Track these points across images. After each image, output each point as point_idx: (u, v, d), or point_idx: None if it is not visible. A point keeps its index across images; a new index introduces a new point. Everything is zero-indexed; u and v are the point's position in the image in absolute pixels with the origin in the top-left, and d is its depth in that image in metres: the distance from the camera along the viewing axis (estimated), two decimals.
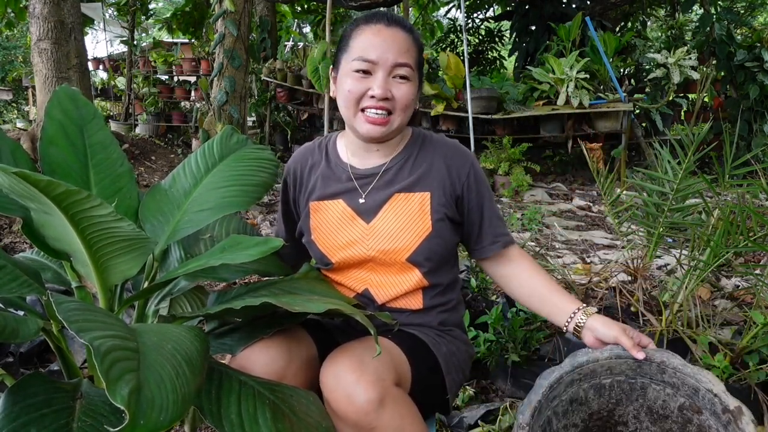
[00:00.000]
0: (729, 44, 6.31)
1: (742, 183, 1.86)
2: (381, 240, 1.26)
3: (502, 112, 5.88)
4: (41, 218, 1.03)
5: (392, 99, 1.20)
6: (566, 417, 1.13)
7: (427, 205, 1.26)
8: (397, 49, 1.19)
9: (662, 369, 1.09)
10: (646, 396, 1.12)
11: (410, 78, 1.21)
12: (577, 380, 1.13)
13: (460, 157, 1.30)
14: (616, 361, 1.12)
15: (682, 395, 1.07)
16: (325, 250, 1.30)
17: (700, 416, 1.04)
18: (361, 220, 1.28)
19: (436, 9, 10.56)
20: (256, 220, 4.32)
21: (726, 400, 0.98)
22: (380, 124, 1.21)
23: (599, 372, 1.13)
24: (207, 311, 1.08)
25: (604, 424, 1.16)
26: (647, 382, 1.12)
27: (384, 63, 1.19)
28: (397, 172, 1.29)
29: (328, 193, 1.32)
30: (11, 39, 11.84)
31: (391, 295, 1.28)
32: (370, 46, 1.19)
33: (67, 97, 1.27)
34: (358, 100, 1.21)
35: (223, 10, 4.60)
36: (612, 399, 1.15)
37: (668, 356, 1.09)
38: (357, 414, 1.00)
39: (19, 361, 2.04)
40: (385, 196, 1.28)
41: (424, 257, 1.25)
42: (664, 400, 1.11)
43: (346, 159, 1.34)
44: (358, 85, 1.20)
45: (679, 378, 1.07)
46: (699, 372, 1.04)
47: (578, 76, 5.45)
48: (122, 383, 0.69)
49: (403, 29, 1.22)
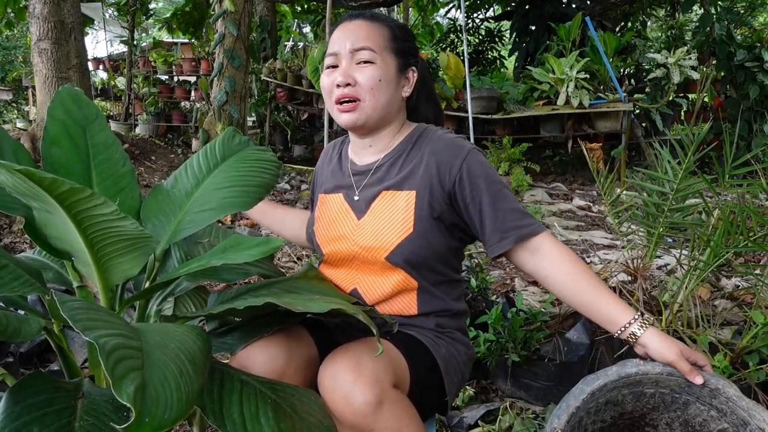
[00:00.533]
0: (729, 44, 6.32)
1: (742, 183, 1.86)
2: (364, 236, 1.25)
3: (502, 112, 5.88)
4: (43, 217, 1.03)
5: (356, 84, 1.23)
6: (597, 415, 1.09)
7: (412, 204, 1.22)
8: (354, 36, 1.24)
9: (714, 395, 1.03)
10: (687, 411, 1.07)
11: (373, 60, 1.24)
12: (619, 387, 1.07)
13: (451, 152, 1.22)
14: (667, 378, 1.05)
15: (728, 422, 1.02)
16: (320, 241, 1.34)
17: None
18: (353, 216, 1.29)
19: (436, 10, 10.57)
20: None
21: None
22: (351, 111, 1.24)
23: (644, 382, 1.07)
24: (209, 311, 1.08)
25: (633, 424, 1.12)
26: (692, 400, 1.06)
27: (343, 51, 1.24)
28: (388, 169, 1.28)
29: (332, 186, 1.36)
30: (11, 39, 11.84)
31: (378, 295, 1.26)
32: (334, 39, 1.27)
33: (70, 98, 1.27)
34: (330, 93, 1.26)
35: (223, 10, 4.60)
36: (649, 405, 1.09)
37: (724, 384, 1.02)
38: (355, 415, 1.00)
39: (20, 360, 2.04)
40: (375, 193, 1.28)
41: (403, 258, 1.21)
42: (704, 419, 1.05)
43: (350, 155, 1.38)
44: (327, 79, 1.26)
45: (730, 408, 1.01)
46: (755, 407, 0.99)
47: (578, 76, 5.45)
48: (127, 381, 0.70)
49: (365, 19, 1.27)
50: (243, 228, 4.03)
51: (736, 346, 1.65)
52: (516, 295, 2.15)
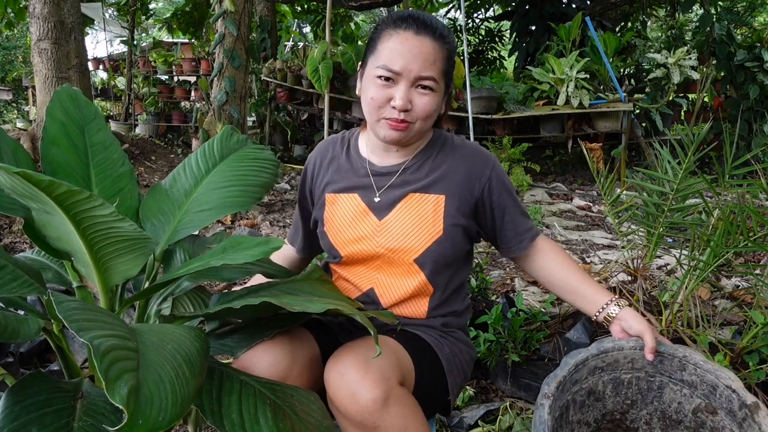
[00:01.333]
0: (729, 44, 6.32)
1: (742, 183, 1.86)
2: (391, 238, 1.26)
3: (502, 112, 5.88)
4: (42, 218, 1.03)
5: (413, 110, 1.20)
6: (582, 411, 1.14)
7: (441, 207, 1.26)
8: (422, 60, 1.17)
9: (683, 365, 1.10)
10: (662, 398, 1.13)
11: (434, 89, 1.20)
12: (599, 369, 1.14)
13: (480, 160, 1.29)
14: (640, 353, 1.14)
15: (699, 395, 1.08)
16: (336, 242, 1.31)
17: (715, 417, 1.05)
18: (374, 216, 1.28)
19: (436, 10, 10.56)
20: (256, 220, 4.32)
21: (744, 396, 0.99)
22: (400, 129, 1.21)
23: (621, 364, 1.14)
24: (207, 311, 1.08)
25: (615, 428, 1.17)
26: (665, 381, 1.12)
27: (407, 75, 1.17)
28: (415, 171, 1.29)
29: (345, 186, 1.33)
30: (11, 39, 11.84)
31: (396, 297, 1.28)
32: (397, 55, 1.17)
33: (69, 98, 1.27)
34: (380, 108, 1.21)
35: (223, 10, 4.60)
36: (627, 399, 1.15)
37: (690, 352, 1.10)
38: (361, 413, 1.00)
39: (19, 360, 2.04)
40: (400, 194, 1.28)
41: (431, 259, 1.25)
42: (679, 402, 1.11)
43: (365, 155, 1.34)
44: (381, 92, 1.19)
45: (699, 375, 1.07)
46: (719, 369, 1.05)
47: (578, 76, 5.45)
48: (121, 383, 0.70)
49: (433, 37, 1.19)
50: (243, 228, 4.03)
51: (736, 346, 1.65)
52: (516, 295, 2.15)
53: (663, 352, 1.12)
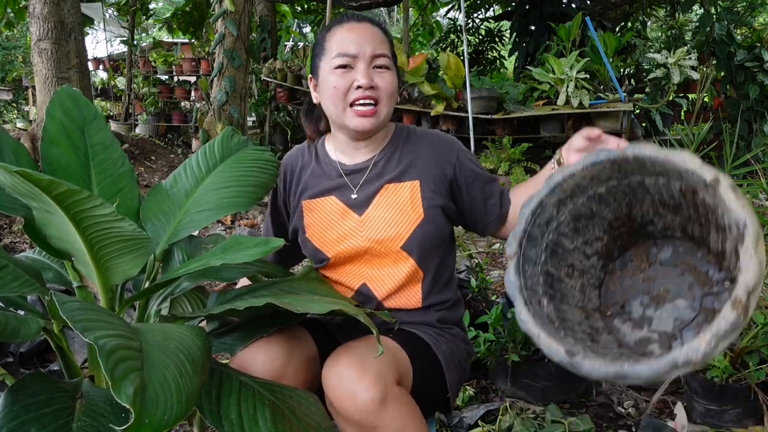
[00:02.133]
0: (729, 44, 6.31)
1: (742, 183, 1.86)
2: (374, 230, 1.27)
3: (502, 112, 5.87)
4: (43, 218, 1.03)
5: (377, 88, 1.24)
6: (582, 234, 1.09)
7: (417, 192, 1.28)
8: (372, 40, 1.24)
9: (641, 163, 1.01)
10: (650, 191, 1.05)
11: (389, 67, 1.26)
12: (566, 199, 1.06)
13: (445, 144, 1.34)
14: (594, 168, 1.03)
15: (674, 179, 1.01)
16: (321, 245, 1.32)
17: (698, 196, 0.98)
18: (354, 213, 1.30)
19: (436, 9, 10.57)
20: (256, 220, 4.32)
21: (702, 173, 0.91)
22: (369, 116, 1.24)
23: (585, 185, 1.06)
24: (209, 311, 1.08)
25: (631, 228, 1.11)
26: (640, 179, 1.04)
27: (363, 54, 1.23)
28: (386, 164, 1.32)
29: (320, 191, 1.34)
30: (11, 39, 11.84)
31: (389, 288, 1.29)
32: (348, 40, 1.24)
33: (69, 98, 1.28)
34: (345, 94, 1.24)
35: (223, 10, 4.60)
36: (622, 204, 1.08)
37: (638, 149, 1.01)
38: (359, 412, 1.00)
39: (19, 360, 2.04)
40: (376, 187, 1.30)
41: (417, 243, 1.27)
42: (665, 189, 1.03)
43: (334, 157, 1.36)
44: (342, 79, 1.23)
45: (660, 165, 1.00)
46: (672, 155, 0.97)
47: (578, 76, 5.45)
48: (127, 382, 0.70)
49: (373, 24, 1.28)
50: (243, 228, 4.03)
51: (736, 346, 1.65)
52: None
53: (615, 158, 1.02)
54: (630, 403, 1.89)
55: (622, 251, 1.13)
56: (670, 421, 1.71)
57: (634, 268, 1.10)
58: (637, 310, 1.05)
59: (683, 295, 1.03)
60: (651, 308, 1.05)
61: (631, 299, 1.06)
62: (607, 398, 1.94)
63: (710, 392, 1.67)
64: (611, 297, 1.09)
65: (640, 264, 1.10)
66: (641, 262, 1.10)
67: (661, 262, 1.09)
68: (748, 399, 1.63)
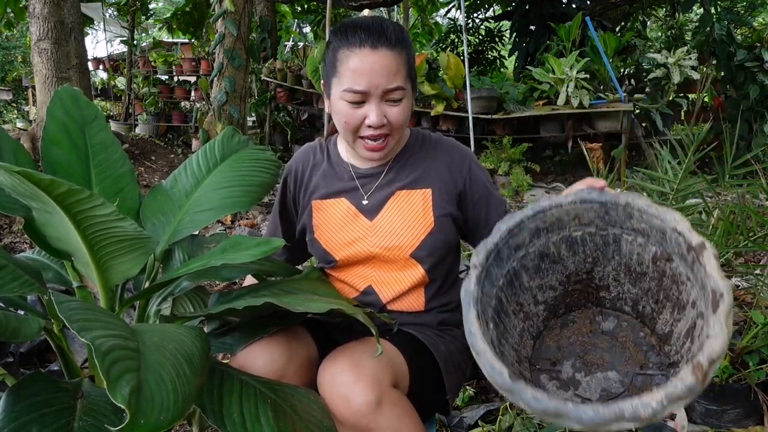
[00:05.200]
0: (729, 44, 6.31)
1: (742, 183, 1.86)
2: (384, 237, 1.27)
3: (502, 112, 5.87)
4: (43, 218, 1.03)
5: (389, 123, 1.20)
6: (540, 276, 1.08)
7: (429, 201, 1.28)
8: (386, 74, 1.16)
9: (629, 213, 1.01)
10: (621, 252, 1.05)
11: (403, 97, 1.20)
12: (543, 230, 1.05)
13: (458, 154, 1.33)
14: (582, 206, 1.03)
15: (653, 242, 1.01)
16: (329, 247, 1.31)
17: (671, 264, 0.99)
18: (364, 218, 1.29)
19: (436, 10, 10.56)
20: (256, 220, 4.32)
21: (690, 237, 0.91)
22: (379, 150, 1.23)
23: (566, 221, 1.05)
24: (209, 311, 1.08)
25: (585, 288, 1.11)
26: (618, 233, 1.04)
27: (375, 92, 1.17)
28: (399, 170, 1.31)
29: (331, 192, 1.33)
30: (11, 39, 11.83)
31: (395, 292, 1.29)
32: (359, 75, 1.16)
33: (69, 98, 1.28)
34: (356, 129, 1.21)
35: (223, 10, 4.60)
36: (588, 257, 1.08)
37: (632, 197, 1.01)
38: (354, 415, 1.00)
39: (19, 360, 2.04)
40: (387, 193, 1.29)
41: (426, 252, 1.26)
42: (638, 253, 1.04)
43: (346, 159, 1.35)
44: (353, 115, 1.19)
45: (646, 221, 0.99)
46: (664, 212, 0.96)
47: (578, 76, 5.45)
48: (123, 382, 0.70)
49: (390, 47, 1.17)
50: (243, 228, 4.03)
51: (736, 346, 1.65)
52: None
53: (606, 201, 1.02)
54: None
55: (569, 310, 1.12)
56: (670, 421, 1.71)
57: (575, 330, 1.10)
58: (567, 371, 1.04)
59: (616, 369, 1.03)
60: (581, 373, 1.04)
61: (564, 359, 1.06)
62: None
63: (710, 392, 1.67)
64: (545, 352, 1.08)
65: (582, 328, 1.10)
66: (584, 326, 1.11)
67: (603, 331, 1.10)
68: (748, 399, 1.62)
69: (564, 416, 0.75)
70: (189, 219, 1.25)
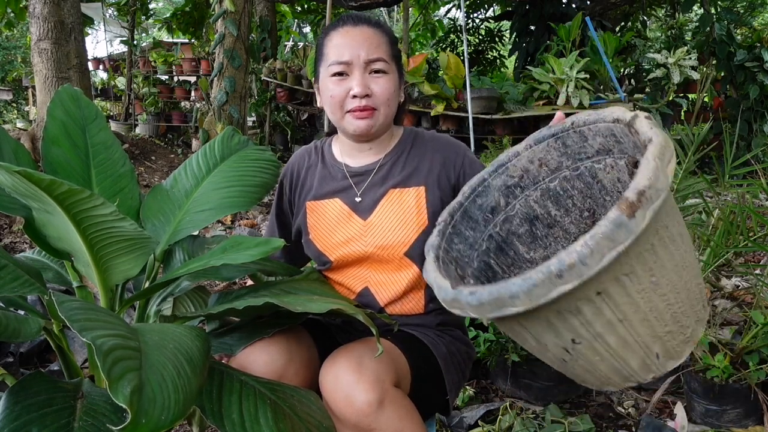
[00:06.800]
0: (729, 44, 6.31)
1: (742, 183, 1.86)
2: (378, 236, 1.27)
3: (502, 112, 5.87)
4: (43, 218, 1.03)
5: (373, 95, 1.22)
6: (543, 246, 1.03)
7: (422, 199, 1.27)
8: (367, 45, 1.22)
9: (582, 134, 0.97)
10: (606, 187, 0.99)
11: (387, 71, 1.24)
12: (515, 186, 1.01)
13: (452, 148, 1.32)
14: (539, 148, 1.00)
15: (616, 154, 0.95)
16: (323, 248, 1.31)
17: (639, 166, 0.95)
18: (358, 217, 1.29)
19: (437, 8, 10.57)
20: (256, 220, 4.32)
21: (625, 117, 0.87)
22: (366, 117, 1.23)
23: (534, 171, 1.01)
24: (209, 311, 1.08)
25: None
26: (590, 166, 0.99)
27: (357, 61, 1.21)
28: (391, 168, 1.30)
29: (324, 192, 1.33)
30: (11, 39, 11.83)
31: (391, 294, 1.28)
32: (342, 47, 1.22)
33: (70, 97, 1.28)
34: (342, 103, 1.23)
35: (223, 10, 4.60)
36: (583, 212, 1.02)
37: (574, 116, 0.98)
38: (356, 415, 1.00)
39: (19, 360, 2.04)
40: (381, 192, 1.29)
41: (420, 251, 1.25)
42: (618, 178, 0.98)
43: (340, 159, 1.35)
44: (338, 88, 1.22)
45: (597, 131, 0.95)
46: (602, 111, 0.93)
47: (578, 76, 5.44)
48: (124, 382, 0.70)
49: (370, 25, 1.25)
50: (243, 228, 4.03)
51: (736, 346, 1.65)
52: None
53: (556, 132, 0.99)
54: (630, 403, 1.89)
55: None
56: (670, 421, 1.71)
57: None
58: None
59: None
60: None
61: None
62: (607, 398, 1.94)
63: (710, 392, 1.67)
64: None
65: None
66: None
67: None
68: (748, 399, 1.63)
69: (500, 300, 0.71)
70: (189, 219, 1.25)
